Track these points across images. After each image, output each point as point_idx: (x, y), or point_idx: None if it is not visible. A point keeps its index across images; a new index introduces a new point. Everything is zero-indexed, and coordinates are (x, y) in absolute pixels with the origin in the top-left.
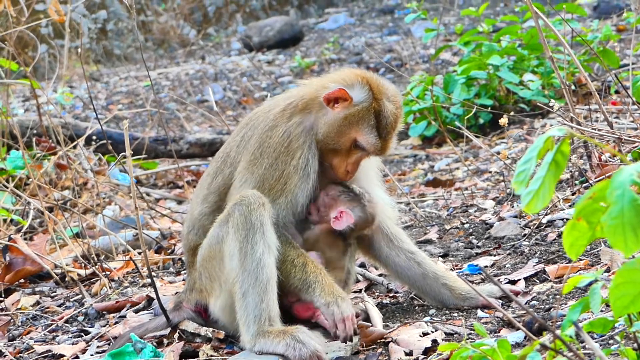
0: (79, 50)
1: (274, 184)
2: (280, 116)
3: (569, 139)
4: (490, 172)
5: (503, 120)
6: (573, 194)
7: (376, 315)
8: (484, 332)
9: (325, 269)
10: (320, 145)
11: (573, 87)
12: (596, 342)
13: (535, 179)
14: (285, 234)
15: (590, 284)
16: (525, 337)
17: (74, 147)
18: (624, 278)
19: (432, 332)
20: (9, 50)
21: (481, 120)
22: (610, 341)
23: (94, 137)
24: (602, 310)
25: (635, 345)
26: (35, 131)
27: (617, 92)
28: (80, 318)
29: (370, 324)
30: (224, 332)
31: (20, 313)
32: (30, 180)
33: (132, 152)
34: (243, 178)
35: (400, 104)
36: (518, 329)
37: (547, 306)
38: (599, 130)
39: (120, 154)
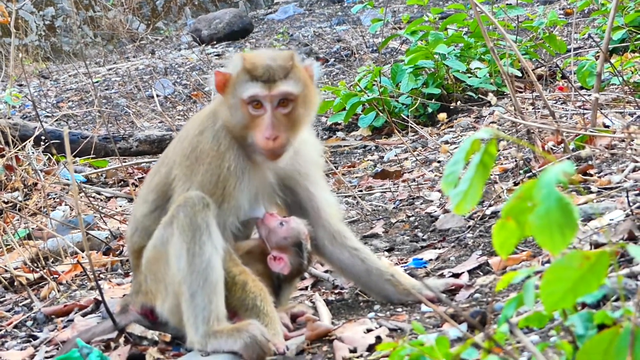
0: (26, 48)
1: (213, 189)
2: (206, 120)
3: (506, 126)
4: (439, 161)
5: (442, 116)
6: (516, 184)
7: (325, 313)
8: (422, 330)
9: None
10: (235, 135)
11: (520, 74)
12: (535, 334)
13: (464, 180)
14: (229, 249)
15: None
16: (468, 331)
17: (23, 148)
18: (553, 275)
19: (376, 328)
20: None
21: (430, 109)
22: (550, 332)
23: (43, 137)
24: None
25: (571, 338)
26: None
27: (563, 77)
28: (29, 323)
29: (318, 318)
30: (170, 335)
31: None
32: None
33: (81, 151)
34: (184, 187)
35: (290, 53)
36: (460, 322)
37: (489, 299)
38: (540, 117)
39: (64, 158)
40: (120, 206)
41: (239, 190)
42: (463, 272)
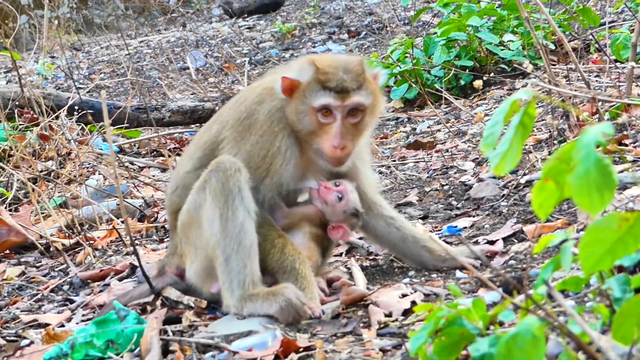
0: (58, 20)
1: (260, 163)
2: (266, 92)
3: (536, 101)
4: (471, 133)
5: (477, 83)
6: (551, 154)
7: (360, 279)
8: (459, 293)
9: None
10: (299, 135)
11: (553, 47)
12: (571, 299)
13: (503, 141)
14: (267, 216)
15: (562, 242)
16: (501, 297)
17: (56, 117)
18: (592, 237)
19: (411, 293)
20: None
21: (462, 82)
22: (585, 298)
23: (77, 107)
24: (578, 269)
25: (607, 302)
26: (17, 102)
27: (597, 50)
28: (65, 287)
29: (353, 283)
30: (205, 302)
31: (6, 283)
32: (14, 151)
33: (113, 121)
34: (232, 151)
35: (360, 62)
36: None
37: (524, 265)
38: (575, 89)
39: (100, 124)
40: (154, 176)
41: (284, 169)
42: (498, 240)
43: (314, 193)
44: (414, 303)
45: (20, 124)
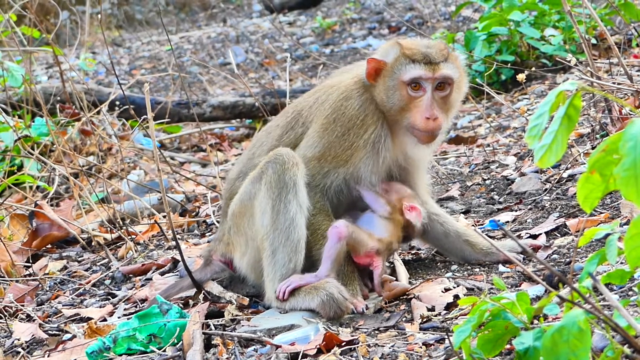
0: (100, 16)
1: (340, 152)
2: (352, 89)
3: (582, 93)
4: (513, 128)
5: (521, 76)
6: (593, 148)
7: (402, 273)
8: (503, 286)
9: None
10: (390, 117)
11: (594, 41)
12: (615, 293)
13: (548, 133)
14: (325, 204)
15: (607, 235)
16: (545, 291)
17: (98, 112)
18: (637, 229)
19: (454, 287)
20: (30, 18)
21: (503, 77)
22: (630, 292)
23: (117, 103)
24: (622, 263)
25: None
26: (58, 98)
27: (639, 44)
28: (107, 281)
29: (395, 278)
30: (247, 299)
31: (48, 278)
32: (55, 146)
33: (154, 116)
34: (311, 141)
35: (440, 41)
36: (538, 282)
37: (567, 259)
38: (618, 83)
39: (142, 118)
40: (194, 171)
41: (364, 163)
42: (540, 234)
43: (382, 189)
44: (456, 297)
45: (62, 119)
